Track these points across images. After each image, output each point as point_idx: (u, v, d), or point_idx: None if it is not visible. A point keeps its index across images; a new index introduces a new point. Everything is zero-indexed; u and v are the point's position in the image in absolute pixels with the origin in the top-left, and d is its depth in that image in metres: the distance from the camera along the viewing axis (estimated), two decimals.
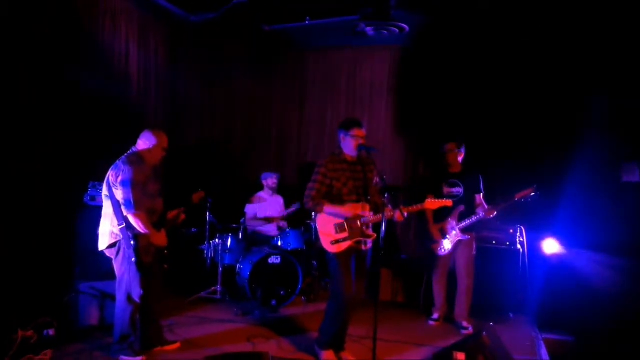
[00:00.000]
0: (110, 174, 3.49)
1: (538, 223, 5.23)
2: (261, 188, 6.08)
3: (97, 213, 3.70)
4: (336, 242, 3.57)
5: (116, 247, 3.55)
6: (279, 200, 6.14)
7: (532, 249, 5.19)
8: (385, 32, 5.56)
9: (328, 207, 3.60)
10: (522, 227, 5.20)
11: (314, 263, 5.75)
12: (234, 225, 5.73)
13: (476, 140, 5.14)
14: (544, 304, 4.98)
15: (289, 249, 5.55)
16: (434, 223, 4.75)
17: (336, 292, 3.61)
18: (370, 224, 3.65)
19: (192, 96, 6.42)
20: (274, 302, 5.08)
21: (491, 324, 4.12)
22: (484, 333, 3.49)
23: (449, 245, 4.68)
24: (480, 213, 4.53)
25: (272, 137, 7.17)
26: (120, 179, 3.43)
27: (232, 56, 6.56)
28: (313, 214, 5.39)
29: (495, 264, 5.12)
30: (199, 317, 4.78)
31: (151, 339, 3.77)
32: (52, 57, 4.33)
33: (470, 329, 4.62)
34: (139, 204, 3.44)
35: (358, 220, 3.60)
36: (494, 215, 4.49)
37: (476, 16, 5.33)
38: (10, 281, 3.85)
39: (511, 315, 5.08)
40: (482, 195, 4.76)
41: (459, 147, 4.77)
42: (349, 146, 3.65)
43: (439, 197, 4.41)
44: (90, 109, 4.76)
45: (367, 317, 3.53)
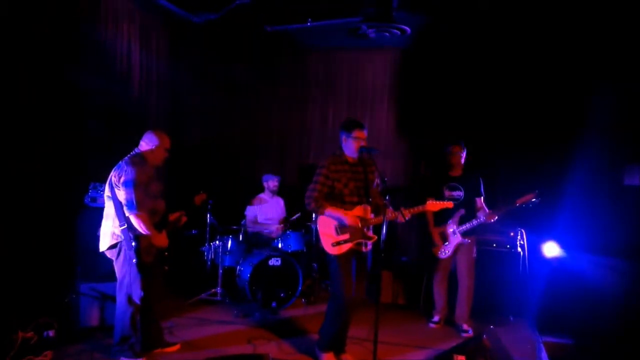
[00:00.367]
0: (113, 175, 3.50)
1: (538, 226, 5.22)
2: (262, 189, 6.08)
3: (98, 214, 3.70)
4: (337, 243, 3.56)
5: (117, 248, 3.55)
6: (280, 202, 6.13)
7: (533, 251, 5.19)
8: (387, 34, 5.56)
9: (329, 210, 3.58)
10: (523, 230, 5.20)
11: (314, 265, 5.75)
12: (234, 227, 5.72)
13: (477, 142, 5.14)
14: (544, 307, 4.98)
15: (289, 250, 5.55)
16: (435, 226, 4.75)
17: (336, 294, 3.61)
18: (370, 226, 3.65)
19: (193, 97, 6.42)
20: (274, 304, 5.07)
21: (492, 326, 4.11)
22: (484, 336, 3.49)
23: (449, 248, 4.68)
24: (481, 217, 4.53)
25: (273, 138, 7.17)
26: (123, 179, 3.43)
27: (233, 57, 6.56)
28: (314, 215, 5.38)
29: (496, 266, 5.13)
30: (199, 319, 4.78)
31: (151, 340, 3.78)
32: (52, 57, 4.33)
33: (470, 331, 4.63)
34: (141, 205, 3.44)
35: (359, 222, 3.60)
36: (495, 219, 4.50)
37: (477, 17, 5.34)
38: (10, 282, 3.85)
39: (511, 318, 5.08)
40: (482, 198, 4.75)
41: (462, 149, 4.77)
42: (350, 147, 3.64)
43: (440, 200, 4.41)
44: (91, 109, 4.77)
45: (367, 319, 3.53)
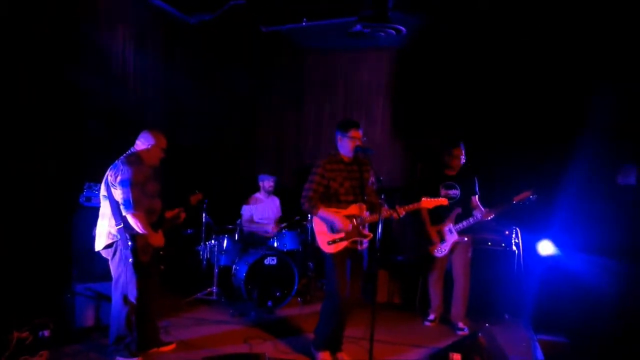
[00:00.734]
0: (109, 174, 3.50)
1: (533, 224, 5.25)
2: (258, 189, 6.08)
3: (93, 214, 3.70)
4: (333, 242, 3.57)
5: (112, 248, 3.54)
6: (275, 201, 6.13)
7: (528, 250, 5.21)
8: (383, 34, 5.57)
9: (322, 212, 3.58)
10: (518, 229, 5.22)
11: (310, 264, 5.76)
12: (230, 226, 5.72)
13: (474, 142, 5.15)
14: (539, 306, 5.00)
15: (285, 250, 5.55)
16: (431, 225, 4.76)
17: (331, 293, 3.61)
18: (366, 224, 3.66)
19: (189, 97, 6.41)
20: (270, 303, 5.07)
21: (487, 324, 4.14)
22: (479, 334, 3.51)
23: (446, 247, 4.70)
24: (478, 215, 4.54)
25: (269, 138, 7.17)
26: (119, 178, 3.43)
27: (229, 57, 6.56)
28: (309, 215, 5.39)
29: (491, 265, 5.14)
30: (194, 318, 4.77)
31: (147, 339, 3.78)
32: (52, 57, 4.33)
33: (466, 329, 4.64)
34: (138, 204, 3.44)
35: (354, 220, 3.60)
36: (491, 218, 4.51)
37: (473, 17, 5.36)
38: (6, 282, 3.84)
39: (507, 317, 5.10)
40: (477, 196, 4.77)
41: (462, 151, 4.74)
42: (346, 147, 3.64)
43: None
44: (87, 109, 4.76)
45: (363, 318, 3.53)
